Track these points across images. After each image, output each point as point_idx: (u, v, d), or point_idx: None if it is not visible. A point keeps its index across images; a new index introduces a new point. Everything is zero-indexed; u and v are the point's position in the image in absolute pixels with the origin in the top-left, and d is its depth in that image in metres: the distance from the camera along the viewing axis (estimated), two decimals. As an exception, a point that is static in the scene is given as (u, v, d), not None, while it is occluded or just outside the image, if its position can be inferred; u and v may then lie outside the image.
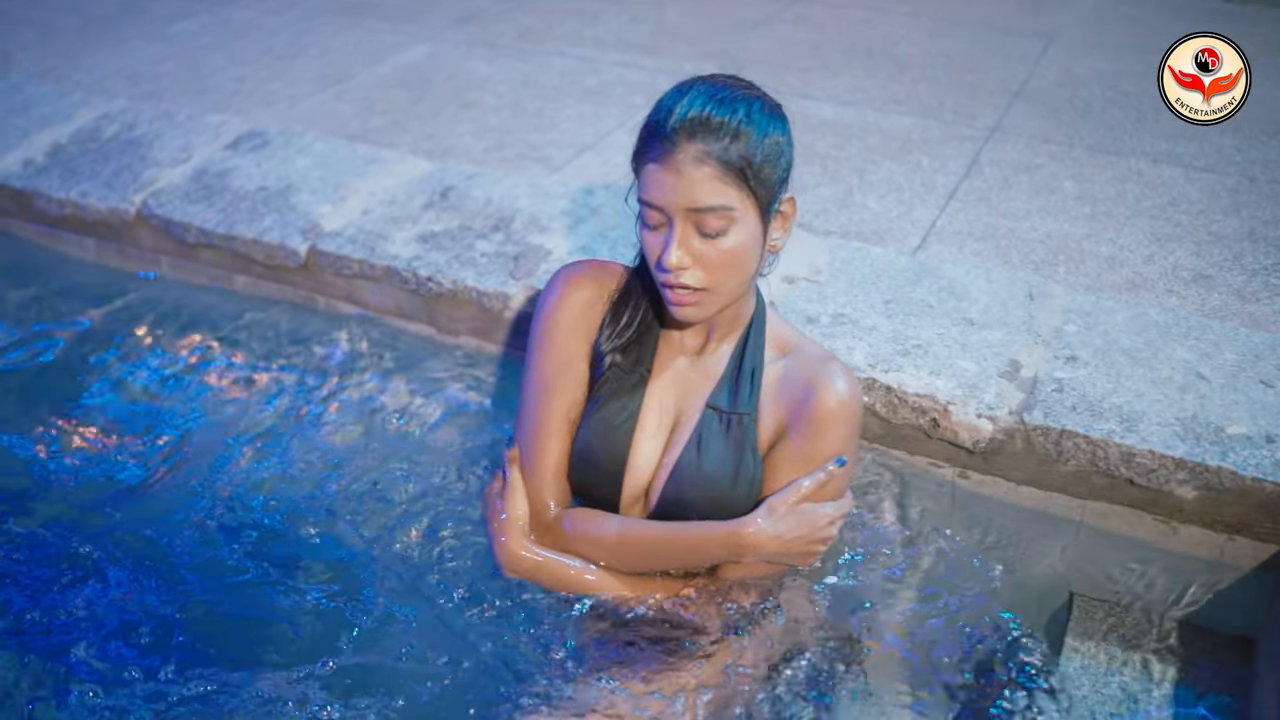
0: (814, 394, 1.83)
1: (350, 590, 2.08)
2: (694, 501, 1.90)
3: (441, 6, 4.83)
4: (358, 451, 2.45)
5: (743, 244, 1.75)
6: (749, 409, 1.89)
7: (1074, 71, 4.16)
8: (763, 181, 1.74)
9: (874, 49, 4.34)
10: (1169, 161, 3.42)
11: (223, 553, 2.16)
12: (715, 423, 1.90)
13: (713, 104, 1.72)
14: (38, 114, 3.56)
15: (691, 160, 1.69)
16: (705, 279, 1.76)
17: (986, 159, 3.44)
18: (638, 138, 1.78)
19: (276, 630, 2.00)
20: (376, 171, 3.17)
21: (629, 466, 1.96)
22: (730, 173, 1.70)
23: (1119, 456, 2.15)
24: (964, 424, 2.24)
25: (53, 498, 2.34)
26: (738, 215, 1.72)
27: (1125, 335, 2.44)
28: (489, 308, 2.68)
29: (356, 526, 2.23)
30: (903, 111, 3.76)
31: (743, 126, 1.71)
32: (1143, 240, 2.96)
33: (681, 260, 1.74)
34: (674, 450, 1.93)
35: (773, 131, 1.74)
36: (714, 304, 1.81)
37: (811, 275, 2.65)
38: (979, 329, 2.46)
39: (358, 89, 3.93)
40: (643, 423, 1.97)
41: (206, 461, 2.43)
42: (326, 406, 2.64)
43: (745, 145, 1.71)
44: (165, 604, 2.03)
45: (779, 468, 1.88)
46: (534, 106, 3.78)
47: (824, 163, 3.38)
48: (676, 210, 1.72)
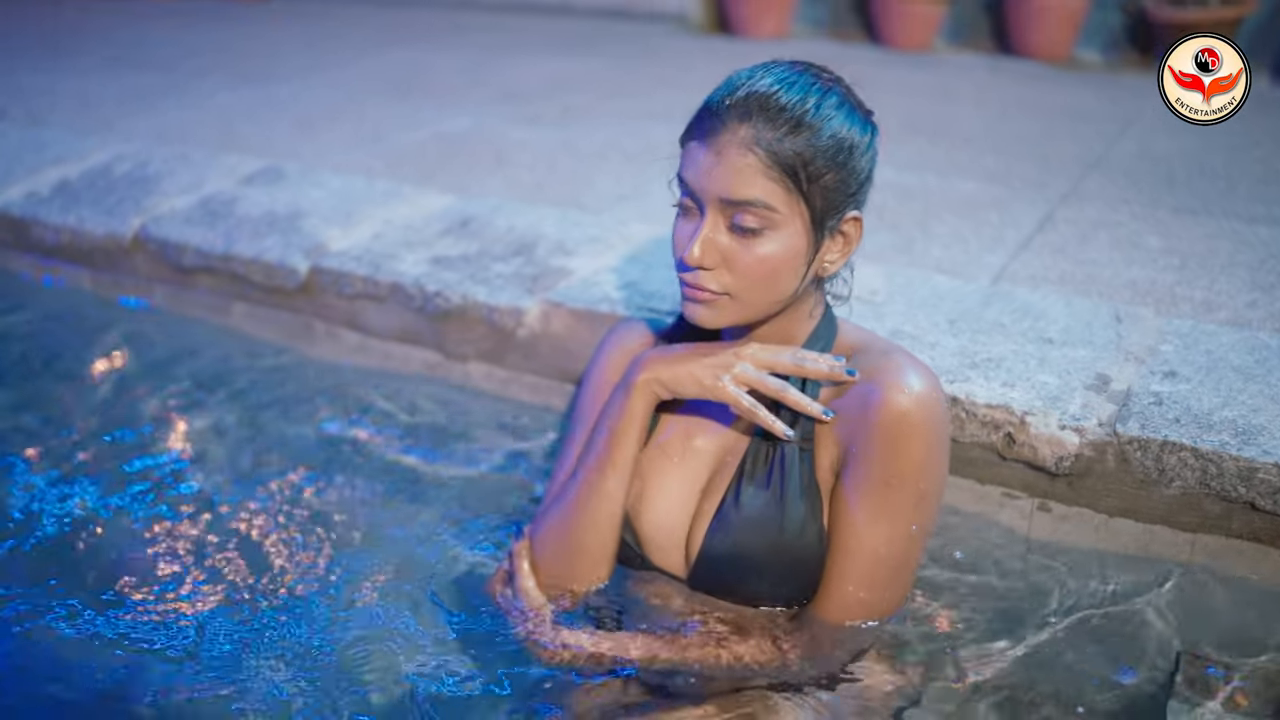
0: (877, 395, 1.50)
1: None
2: (744, 551, 1.57)
3: (488, 88, 4.69)
4: (357, 498, 2.17)
5: (779, 254, 1.47)
6: (796, 435, 1.56)
7: (1154, 148, 3.88)
8: (821, 187, 1.46)
9: (938, 127, 4.10)
10: (1266, 222, 3.09)
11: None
12: (759, 457, 1.58)
13: (782, 86, 1.46)
14: (51, 154, 3.39)
15: (737, 144, 1.43)
16: (729, 284, 1.48)
17: (1061, 217, 3.14)
18: (696, 111, 1.53)
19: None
20: (395, 203, 2.93)
21: (646, 504, 1.66)
22: (778, 167, 1.43)
23: (1236, 473, 1.77)
24: (1044, 437, 1.88)
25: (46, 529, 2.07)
26: (779, 219, 1.45)
27: (1234, 354, 2.08)
28: (500, 326, 2.39)
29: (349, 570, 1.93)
30: (968, 177, 3.49)
31: (808, 119, 1.44)
32: (1242, 288, 2.61)
33: (703, 258, 1.47)
34: (715, 494, 1.61)
35: (847, 132, 1.47)
36: (734, 313, 1.52)
37: (867, 295, 2.33)
38: (1059, 346, 2.11)
39: (390, 149, 3.74)
40: (666, 456, 1.66)
41: (197, 494, 2.18)
42: (320, 441, 2.36)
43: (805, 141, 1.43)
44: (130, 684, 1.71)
45: (841, 499, 1.54)
46: (571, 165, 3.56)
47: (881, 214, 3.09)
48: (709, 199, 1.46)
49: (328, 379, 2.59)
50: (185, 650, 1.74)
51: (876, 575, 1.55)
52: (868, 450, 1.51)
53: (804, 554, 1.56)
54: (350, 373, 2.59)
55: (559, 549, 1.68)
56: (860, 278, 2.42)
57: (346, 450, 2.35)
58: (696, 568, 1.62)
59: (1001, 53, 5.53)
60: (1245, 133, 4.05)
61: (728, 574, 1.61)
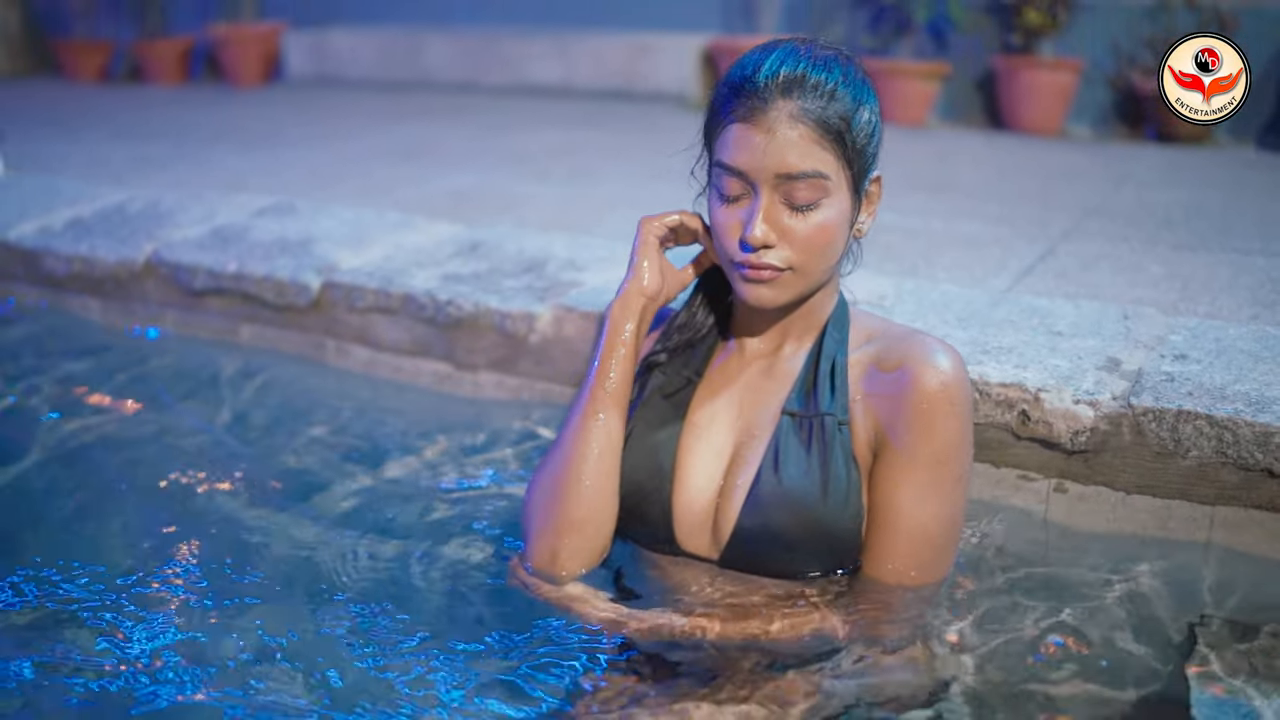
0: (908, 377, 1.53)
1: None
2: (779, 527, 1.57)
3: (494, 154, 4.77)
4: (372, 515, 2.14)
5: (834, 220, 1.52)
6: (832, 409, 1.57)
7: (1149, 198, 3.94)
8: (859, 151, 1.53)
9: (939, 184, 4.17)
10: (1263, 254, 3.13)
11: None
12: (793, 430, 1.58)
13: (806, 62, 1.52)
14: (65, 197, 3.43)
15: (786, 119, 1.48)
16: (792, 258, 1.52)
17: (1063, 250, 3.18)
18: (713, 100, 1.58)
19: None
20: (405, 231, 2.96)
21: (679, 484, 1.64)
22: (828, 136, 1.49)
23: (1252, 439, 1.77)
24: (1059, 412, 1.88)
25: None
26: (832, 186, 1.50)
27: (1242, 341, 2.09)
28: (513, 332, 2.40)
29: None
30: (971, 220, 3.54)
31: (839, 89, 1.51)
32: (1244, 303, 2.64)
33: (767, 236, 1.50)
34: (748, 469, 1.60)
35: (866, 99, 1.55)
36: (795, 288, 1.55)
37: (876, 300, 2.35)
38: (1069, 338, 2.13)
39: (400, 199, 3.78)
40: (695, 435, 1.66)
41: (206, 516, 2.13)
42: (330, 460, 2.34)
43: (843, 106, 1.51)
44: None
45: (886, 480, 1.56)
46: (580, 211, 3.62)
47: (886, 250, 3.13)
48: (764, 177, 1.50)
49: (337, 394, 2.58)
50: (205, 661, 1.68)
51: (924, 554, 1.57)
52: (909, 430, 1.53)
53: (840, 527, 1.56)
54: (360, 387, 2.59)
55: (552, 498, 1.65)
56: (868, 287, 2.45)
57: (355, 464, 2.33)
58: (731, 543, 1.61)
59: (994, 128, 5.64)
60: (1237, 185, 4.14)
61: (763, 548, 1.60)
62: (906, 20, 5.66)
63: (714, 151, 1.57)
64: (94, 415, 2.54)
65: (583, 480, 1.62)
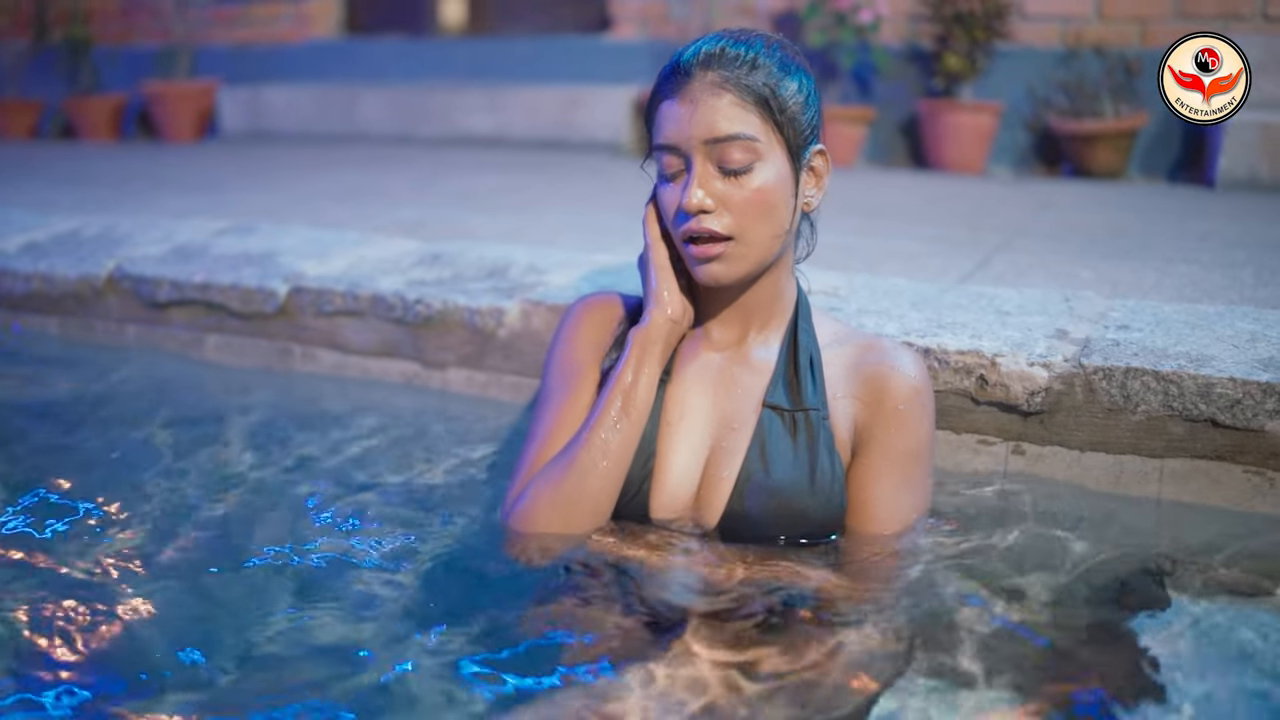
0: (888, 384, 1.67)
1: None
2: (766, 518, 1.66)
3: (440, 194, 4.84)
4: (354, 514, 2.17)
5: (771, 184, 1.59)
6: (816, 404, 1.66)
7: (1073, 220, 4.14)
8: (790, 118, 1.61)
9: (873, 210, 4.32)
10: (1184, 263, 3.31)
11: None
12: (778, 424, 1.66)
13: (728, 40, 1.63)
14: (15, 225, 3.43)
15: (708, 88, 1.58)
16: (732, 224, 1.59)
17: (998, 261, 3.33)
18: (650, 92, 1.67)
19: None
20: (365, 247, 3.02)
21: (657, 480, 1.71)
22: (750, 98, 1.58)
23: (1196, 391, 1.90)
24: (1016, 374, 1.99)
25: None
26: (762, 149, 1.58)
27: (1179, 315, 2.23)
28: (481, 328, 2.46)
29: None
30: (907, 240, 3.68)
31: (761, 58, 1.61)
32: (1172, 300, 2.78)
33: (703, 201, 1.57)
34: (731, 461, 1.68)
35: (794, 73, 1.64)
36: (743, 259, 1.62)
37: (830, 291, 2.46)
38: (1017, 316, 2.25)
39: (350, 230, 3.83)
40: (670, 429, 1.72)
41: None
42: (303, 466, 2.37)
43: (765, 74, 1.60)
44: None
45: (864, 475, 1.68)
46: (532, 236, 3.69)
47: (829, 266, 3.24)
48: (694, 145, 1.58)
49: (305, 399, 2.61)
50: (188, 665, 1.69)
51: (901, 541, 1.71)
52: (886, 431, 1.65)
53: (826, 516, 1.67)
54: (328, 390, 2.63)
55: (568, 497, 1.68)
56: (821, 280, 2.55)
57: (324, 467, 2.36)
58: (715, 535, 1.69)
59: (920, 168, 5.85)
60: (1154, 210, 4.35)
61: (745, 539, 1.68)
62: (832, 67, 5.86)
63: (654, 135, 1.64)
64: (64, 432, 2.55)
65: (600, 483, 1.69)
